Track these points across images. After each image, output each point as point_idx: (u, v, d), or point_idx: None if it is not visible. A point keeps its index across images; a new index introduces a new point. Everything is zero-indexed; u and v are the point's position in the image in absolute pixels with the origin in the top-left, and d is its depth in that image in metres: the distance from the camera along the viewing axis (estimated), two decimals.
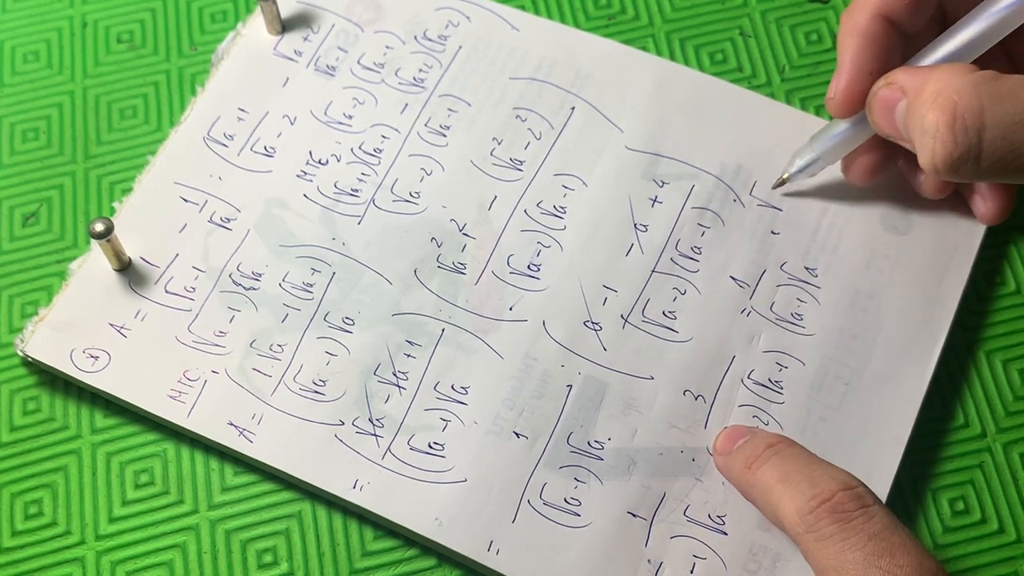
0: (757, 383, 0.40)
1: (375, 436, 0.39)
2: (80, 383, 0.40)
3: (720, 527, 0.38)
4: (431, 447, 0.39)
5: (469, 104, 0.45)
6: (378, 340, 0.40)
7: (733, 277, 0.42)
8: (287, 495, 0.39)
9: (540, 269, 0.42)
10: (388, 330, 0.41)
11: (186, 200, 0.43)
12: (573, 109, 0.44)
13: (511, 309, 0.41)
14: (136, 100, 0.46)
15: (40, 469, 0.40)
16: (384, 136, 0.44)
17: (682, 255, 0.42)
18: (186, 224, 0.42)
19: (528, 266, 0.42)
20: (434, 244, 0.42)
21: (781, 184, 0.43)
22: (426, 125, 0.44)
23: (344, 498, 0.38)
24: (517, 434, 0.39)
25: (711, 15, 0.47)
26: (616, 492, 0.38)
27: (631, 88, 0.45)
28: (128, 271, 0.41)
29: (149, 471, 0.40)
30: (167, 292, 0.41)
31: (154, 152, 0.44)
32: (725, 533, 0.38)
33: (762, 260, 0.42)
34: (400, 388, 0.40)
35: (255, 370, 0.40)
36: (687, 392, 0.40)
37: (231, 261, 0.42)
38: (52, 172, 0.45)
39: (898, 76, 0.37)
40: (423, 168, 0.43)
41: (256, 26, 0.46)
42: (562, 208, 0.43)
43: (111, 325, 0.41)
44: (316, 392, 0.40)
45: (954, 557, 0.39)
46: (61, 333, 0.40)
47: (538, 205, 0.43)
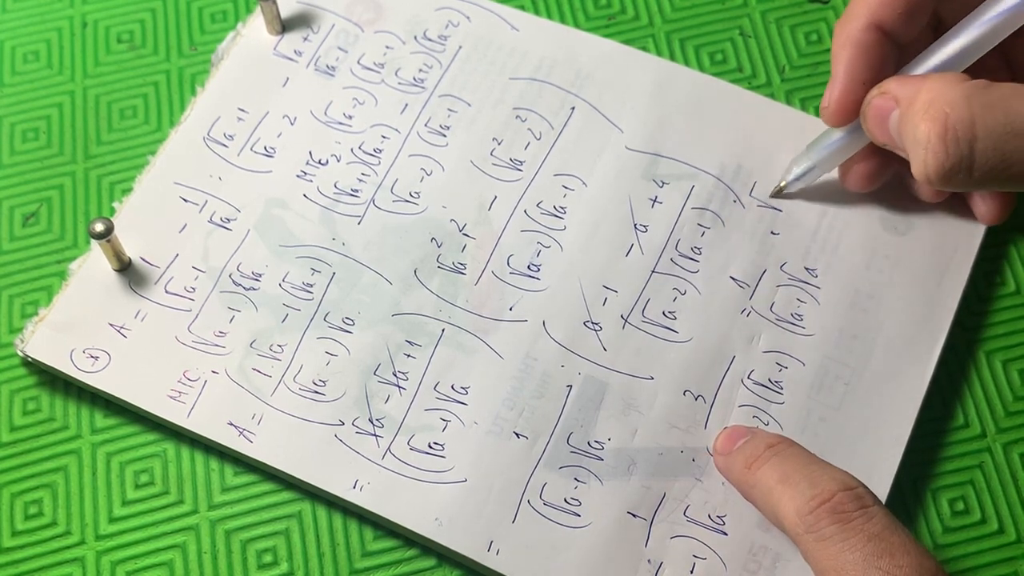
0: (757, 383, 0.40)
1: (375, 436, 0.39)
2: (80, 383, 0.40)
3: (720, 527, 0.38)
4: (431, 447, 0.39)
5: (469, 104, 0.45)
6: (378, 340, 0.40)
7: (733, 277, 0.42)
8: (287, 495, 0.40)
9: (540, 269, 0.42)
10: (388, 330, 0.41)
11: (186, 200, 0.43)
12: (573, 109, 0.44)
13: (511, 309, 0.41)
14: (136, 100, 0.46)
15: (40, 469, 0.40)
16: (384, 136, 0.44)
17: (682, 255, 0.42)
18: (186, 224, 0.42)
19: (528, 266, 0.42)
20: (434, 244, 0.42)
21: (779, 192, 0.43)
22: (426, 125, 0.44)
23: (344, 498, 0.38)
24: (517, 434, 0.39)
25: (711, 15, 0.47)
26: (616, 492, 0.38)
27: (631, 88, 0.45)
28: (128, 271, 0.41)
29: (149, 471, 0.40)
30: (167, 292, 0.41)
31: (154, 152, 0.44)
32: (725, 533, 0.38)
33: (762, 260, 0.42)
34: (400, 388, 0.40)
35: (255, 370, 0.40)
36: (687, 392, 0.40)
37: (231, 261, 0.42)
38: (52, 172, 0.45)
39: (891, 85, 0.36)
40: (423, 168, 0.43)
41: (256, 26, 0.46)
42: (562, 208, 0.43)
43: (111, 325, 0.41)
44: (316, 392, 0.40)
45: (954, 557, 0.39)
46: (61, 333, 0.40)
47: (538, 205, 0.43)
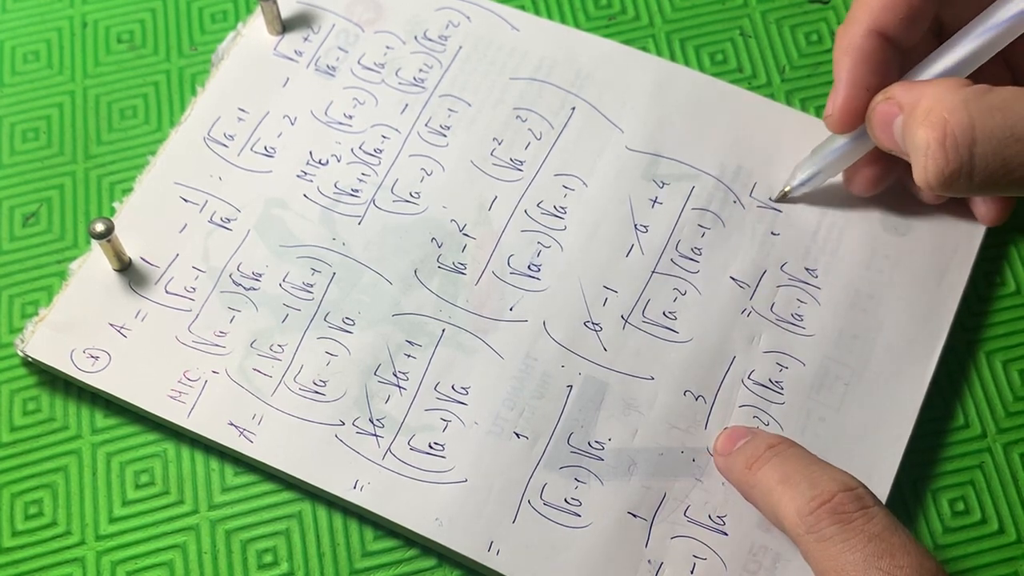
0: (757, 383, 0.40)
1: (375, 436, 0.39)
2: (80, 383, 0.40)
3: (720, 527, 0.38)
4: (431, 447, 0.39)
5: (469, 104, 0.45)
6: (378, 340, 0.40)
7: (733, 278, 0.42)
8: (287, 495, 0.40)
9: (540, 269, 0.42)
10: (388, 330, 0.41)
11: (186, 200, 0.43)
12: (573, 109, 0.44)
13: (511, 309, 0.41)
14: (136, 100, 0.46)
15: (40, 469, 0.40)
16: (384, 136, 0.44)
17: (682, 256, 0.42)
18: (186, 224, 0.42)
19: (528, 266, 0.42)
20: (434, 244, 0.42)
21: (784, 197, 0.43)
22: (426, 125, 0.44)
23: (344, 498, 0.38)
24: (517, 434, 0.39)
25: (711, 15, 0.47)
26: (616, 492, 0.38)
27: (631, 88, 0.45)
28: (128, 271, 0.41)
29: (149, 471, 0.40)
30: (167, 292, 0.41)
31: (154, 152, 0.44)
32: (725, 533, 0.38)
33: (762, 261, 0.42)
34: (400, 388, 0.40)
35: (255, 370, 0.40)
36: (687, 392, 0.40)
37: (231, 261, 0.42)
38: (52, 172, 0.45)
39: (896, 91, 0.36)
40: (423, 168, 0.43)
41: (256, 26, 0.46)
42: (562, 208, 0.43)
43: (111, 325, 0.41)
44: (316, 392, 0.40)
45: (954, 557, 0.39)
46: (61, 333, 0.40)
47: (538, 205, 0.43)
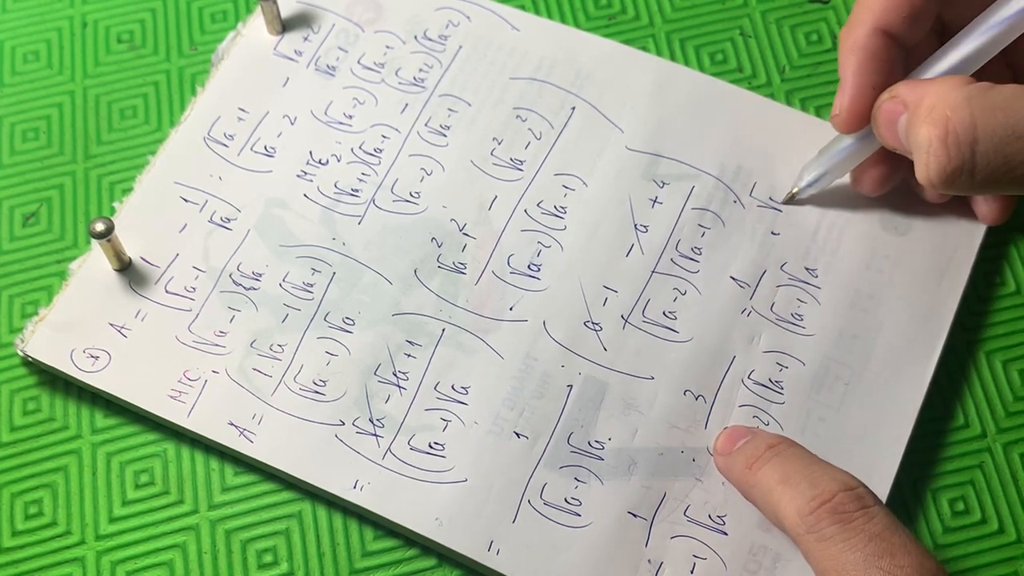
0: (757, 383, 0.40)
1: (375, 436, 0.39)
2: (80, 383, 0.40)
3: (720, 527, 0.38)
4: (431, 447, 0.39)
5: (469, 104, 0.45)
6: (378, 340, 0.40)
7: (733, 277, 0.42)
8: (287, 495, 0.39)
9: (540, 269, 0.42)
10: (388, 330, 0.41)
11: (186, 200, 0.43)
12: (573, 109, 0.44)
13: (511, 309, 0.41)
14: (136, 100, 0.46)
15: (40, 469, 0.40)
16: (384, 136, 0.44)
17: (682, 255, 0.42)
18: (186, 224, 0.42)
19: (528, 266, 0.42)
20: (434, 244, 0.42)
21: (791, 199, 0.43)
22: (426, 125, 0.44)
23: (344, 498, 0.38)
24: (517, 434, 0.39)
25: (711, 15, 0.47)
26: (616, 492, 0.38)
27: (631, 88, 0.45)
28: (128, 271, 0.41)
29: (149, 471, 0.40)
30: (167, 292, 0.41)
31: (154, 152, 0.44)
32: (725, 533, 0.38)
33: (762, 260, 0.42)
34: (400, 388, 0.40)
35: (255, 370, 0.40)
36: (687, 392, 0.40)
37: (231, 261, 0.42)
38: (52, 172, 0.45)
39: (900, 89, 0.37)
40: (423, 168, 0.43)
41: (256, 26, 0.46)
42: (562, 208, 0.43)
43: (111, 325, 0.41)
44: (316, 392, 0.40)
45: (954, 557, 0.39)
46: (61, 333, 0.40)
47: (538, 205, 0.43)
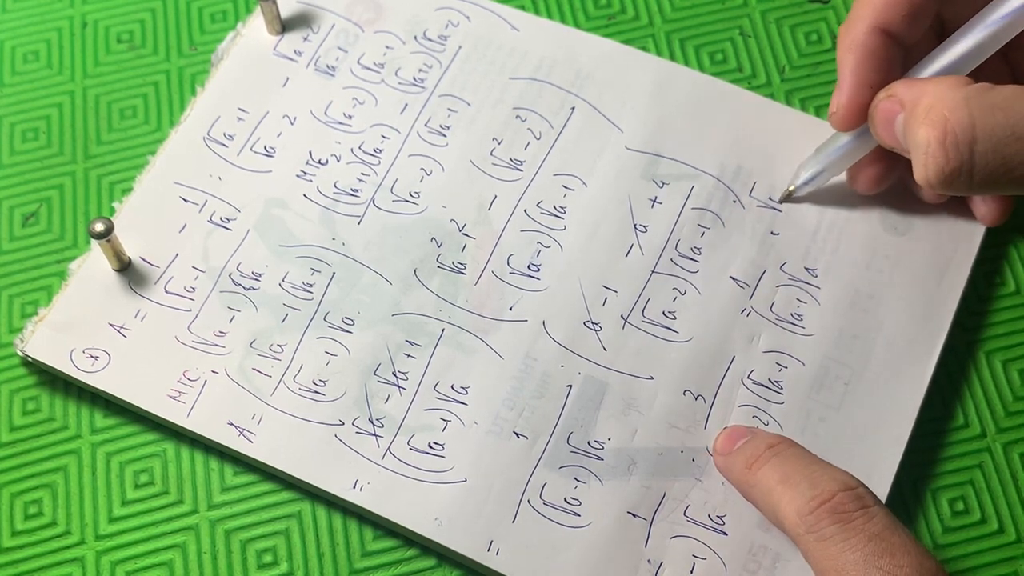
0: (757, 383, 0.40)
1: (375, 436, 0.39)
2: (80, 383, 0.40)
3: (720, 527, 0.38)
4: (431, 447, 0.39)
5: (469, 104, 0.45)
6: (378, 340, 0.40)
7: (733, 277, 0.42)
8: (287, 495, 0.39)
9: (540, 269, 0.42)
10: (388, 330, 0.41)
11: (186, 200, 0.43)
12: (573, 109, 0.44)
13: (511, 309, 0.41)
14: (136, 100, 0.46)
15: (40, 469, 0.40)
16: (384, 136, 0.44)
17: (682, 255, 0.42)
18: (186, 224, 0.42)
19: (528, 266, 0.42)
20: (434, 244, 0.42)
21: (788, 196, 0.43)
22: (426, 125, 0.44)
23: (344, 498, 0.38)
24: (517, 434, 0.39)
25: (711, 15, 0.47)
26: (616, 492, 0.38)
27: (631, 88, 0.45)
28: (128, 271, 0.41)
29: (149, 471, 0.40)
30: (167, 292, 0.41)
31: (154, 152, 0.44)
32: (725, 533, 0.38)
33: (762, 260, 0.42)
34: (400, 388, 0.40)
35: (255, 370, 0.40)
36: (687, 392, 0.40)
37: (231, 261, 0.42)
38: (52, 172, 0.45)
39: (897, 88, 0.36)
40: (423, 168, 0.43)
41: (256, 26, 0.46)
42: (562, 208, 0.43)
43: (111, 325, 0.41)
44: (316, 392, 0.40)
45: (954, 557, 0.39)
46: (61, 333, 0.40)
47: (538, 205, 0.43)
